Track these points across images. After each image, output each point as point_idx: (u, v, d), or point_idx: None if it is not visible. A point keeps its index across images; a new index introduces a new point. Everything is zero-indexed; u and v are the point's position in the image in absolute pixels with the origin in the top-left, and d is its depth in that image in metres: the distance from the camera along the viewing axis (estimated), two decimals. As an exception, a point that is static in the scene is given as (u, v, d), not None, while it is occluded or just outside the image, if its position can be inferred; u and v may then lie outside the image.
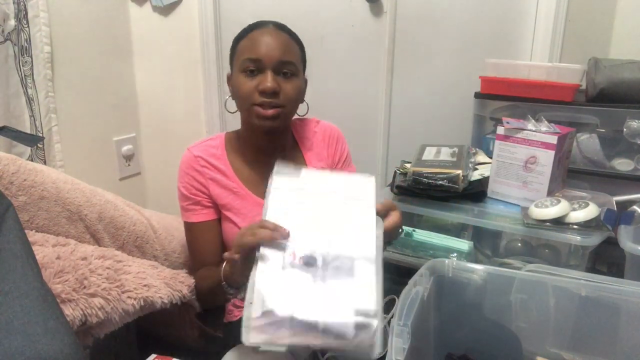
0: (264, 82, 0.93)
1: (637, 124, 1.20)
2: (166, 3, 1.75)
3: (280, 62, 0.94)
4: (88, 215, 1.07)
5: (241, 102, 0.97)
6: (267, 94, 0.93)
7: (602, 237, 0.99)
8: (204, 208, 1.03)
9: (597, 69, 1.27)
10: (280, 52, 0.94)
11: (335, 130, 1.15)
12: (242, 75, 0.95)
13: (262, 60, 0.93)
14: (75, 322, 0.82)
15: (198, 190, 1.02)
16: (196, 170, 1.02)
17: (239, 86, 0.95)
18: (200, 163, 1.02)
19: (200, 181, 1.02)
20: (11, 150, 1.40)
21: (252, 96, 0.94)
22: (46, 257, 0.90)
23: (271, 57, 0.94)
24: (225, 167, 1.04)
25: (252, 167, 1.05)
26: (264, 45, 0.94)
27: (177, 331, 1.09)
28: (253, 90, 0.94)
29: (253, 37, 0.96)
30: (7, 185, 0.99)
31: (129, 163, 1.87)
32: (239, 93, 0.96)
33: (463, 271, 0.88)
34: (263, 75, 0.94)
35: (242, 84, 0.95)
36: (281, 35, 0.97)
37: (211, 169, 1.03)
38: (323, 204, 0.78)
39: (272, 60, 0.94)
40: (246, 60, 0.94)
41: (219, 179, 1.03)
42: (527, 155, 1.12)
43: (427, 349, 0.88)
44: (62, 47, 1.54)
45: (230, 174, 1.04)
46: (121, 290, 0.91)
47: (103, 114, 1.73)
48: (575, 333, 0.88)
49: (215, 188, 1.02)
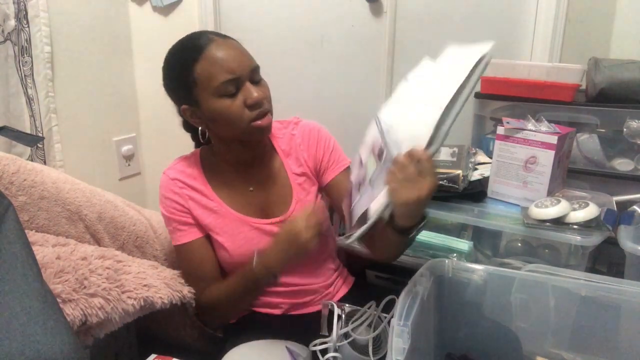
0: (251, 96, 0.88)
1: (637, 124, 1.20)
2: (166, 3, 1.75)
3: (252, 70, 0.90)
4: (88, 215, 1.07)
5: (232, 125, 0.91)
6: (258, 105, 0.89)
7: (602, 237, 0.99)
8: (192, 226, 1.00)
9: (597, 69, 1.27)
10: (247, 60, 0.90)
11: (315, 129, 1.08)
12: (222, 100, 0.88)
13: (239, 76, 0.88)
14: (76, 322, 0.82)
15: (181, 211, 1.00)
16: (175, 192, 0.99)
17: (224, 111, 0.89)
18: (178, 185, 1.00)
19: (181, 203, 0.99)
20: (11, 150, 1.40)
21: (244, 114, 0.89)
22: (46, 257, 0.90)
23: (245, 69, 0.89)
24: (203, 186, 1.01)
25: (231, 183, 1.02)
26: (233, 61, 0.88)
27: (177, 331, 1.09)
28: (242, 109, 0.89)
29: (213, 57, 0.88)
30: (7, 185, 0.99)
31: (129, 163, 1.87)
32: (228, 118, 0.89)
33: (463, 271, 0.88)
34: (243, 90, 0.89)
35: (228, 107, 0.88)
36: (233, 43, 0.92)
37: (189, 190, 1.00)
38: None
39: (246, 71, 0.89)
40: (224, 84, 0.87)
41: (199, 199, 1.00)
42: (527, 155, 1.12)
43: (427, 349, 0.88)
44: (62, 47, 1.54)
45: (208, 193, 1.01)
46: (121, 290, 0.91)
47: (103, 114, 1.73)
48: (575, 333, 0.88)
49: (196, 208, 1.00)
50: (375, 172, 0.82)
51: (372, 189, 0.82)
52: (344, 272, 1.16)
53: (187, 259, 1.02)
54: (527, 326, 0.89)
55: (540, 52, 1.51)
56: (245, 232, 1.00)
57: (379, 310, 0.93)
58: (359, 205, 0.85)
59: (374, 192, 0.81)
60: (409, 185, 0.72)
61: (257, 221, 1.01)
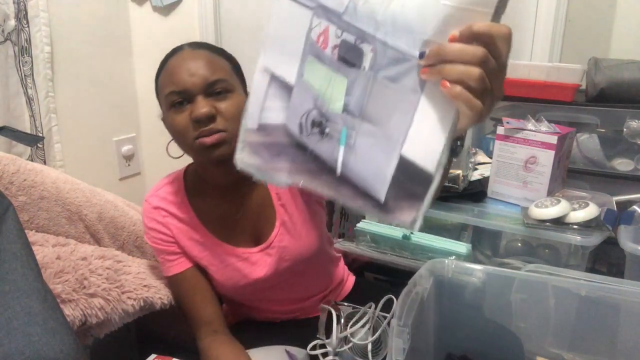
0: (196, 109, 0.79)
1: (637, 124, 1.20)
2: (166, 3, 1.75)
3: (207, 84, 0.80)
4: (88, 215, 1.07)
5: (181, 141, 0.84)
6: (203, 121, 0.79)
7: (602, 237, 0.99)
8: (181, 255, 0.93)
9: (597, 69, 1.27)
10: (204, 72, 0.81)
11: None
12: (171, 112, 0.82)
13: (187, 89, 0.80)
14: (75, 323, 0.82)
15: (167, 241, 0.92)
16: (158, 222, 0.92)
17: (172, 125, 0.83)
18: (161, 214, 0.92)
19: (166, 232, 0.92)
20: (11, 150, 1.40)
21: (189, 130, 0.81)
22: (46, 257, 0.90)
23: (195, 81, 0.80)
24: (187, 215, 0.92)
25: (217, 209, 0.93)
26: (184, 72, 0.81)
27: (177, 331, 1.09)
28: (188, 123, 0.81)
29: (170, 68, 0.83)
30: (7, 185, 0.99)
31: (129, 163, 1.87)
32: (175, 132, 0.84)
33: (463, 271, 0.88)
34: (194, 104, 0.81)
35: (174, 120, 0.82)
36: (200, 54, 0.84)
37: (173, 219, 0.92)
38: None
39: (197, 84, 0.80)
40: (170, 95, 0.82)
41: (185, 230, 0.92)
42: (527, 155, 1.12)
43: (427, 350, 0.88)
44: (62, 47, 1.54)
45: (194, 223, 0.92)
46: (121, 290, 0.91)
47: (103, 114, 1.73)
48: (575, 333, 0.88)
49: (182, 239, 0.92)
50: (357, 91, 0.50)
51: (374, 126, 0.50)
52: (344, 274, 1.15)
53: (182, 290, 0.95)
54: (527, 326, 0.89)
55: (540, 52, 1.51)
56: (233, 263, 0.93)
57: (378, 310, 0.93)
58: (356, 166, 0.52)
59: (391, 127, 0.49)
60: (483, 84, 0.46)
61: (245, 251, 0.94)
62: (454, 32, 0.45)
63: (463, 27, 0.45)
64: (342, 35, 0.50)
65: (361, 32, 0.49)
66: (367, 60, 0.49)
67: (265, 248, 0.93)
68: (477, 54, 0.45)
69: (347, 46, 0.50)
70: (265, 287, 0.96)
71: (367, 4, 0.48)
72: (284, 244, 0.92)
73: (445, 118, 0.47)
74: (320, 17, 0.51)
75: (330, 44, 0.51)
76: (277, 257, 0.93)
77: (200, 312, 0.94)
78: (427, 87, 0.47)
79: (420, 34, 0.46)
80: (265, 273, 0.93)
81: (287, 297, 1.03)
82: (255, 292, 0.98)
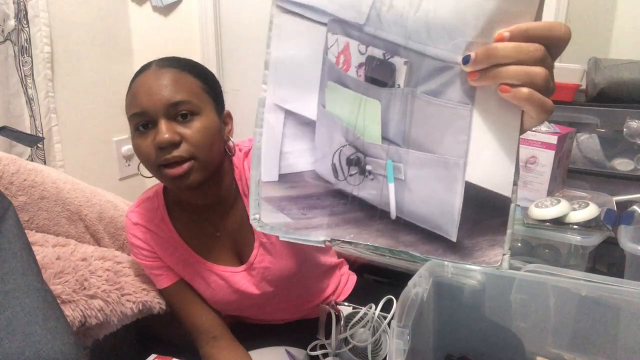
0: (158, 135, 0.73)
1: (637, 124, 1.20)
2: (166, 3, 1.75)
3: (169, 106, 0.74)
4: (88, 215, 1.07)
5: (145, 165, 0.80)
6: (166, 147, 0.74)
7: (602, 237, 0.99)
8: (168, 269, 0.91)
9: (597, 69, 1.27)
10: (166, 93, 0.74)
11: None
12: (136, 136, 0.78)
13: (148, 112, 0.74)
14: (75, 323, 0.82)
15: (150, 256, 0.90)
16: (139, 238, 0.89)
17: (136, 149, 0.78)
18: (141, 230, 0.89)
19: (148, 248, 0.90)
20: (11, 150, 1.40)
21: (152, 156, 0.76)
22: (46, 257, 0.90)
23: (156, 103, 0.74)
24: (167, 231, 0.89)
25: (197, 227, 0.90)
26: (145, 94, 0.75)
27: (177, 331, 1.09)
28: (151, 149, 0.75)
29: (134, 88, 0.78)
30: (7, 185, 0.99)
31: (129, 163, 1.87)
32: (139, 157, 0.79)
33: (462, 271, 0.88)
34: (157, 128, 0.74)
35: (138, 145, 0.77)
36: (165, 72, 0.77)
37: (154, 236, 0.89)
38: None
39: (158, 107, 0.74)
40: (132, 117, 0.77)
41: (166, 247, 0.89)
42: (527, 155, 1.11)
43: (427, 350, 0.88)
44: (62, 47, 1.54)
45: (174, 240, 0.89)
46: (120, 293, 0.91)
47: (103, 114, 1.73)
48: (575, 333, 0.88)
49: (164, 255, 0.90)
50: (395, 114, 0.43)
51: (424, 152, 0.42)
52: (344, 275, 1.14)
53: (175, 301, 0.94)
54: (527, 326, 0.89)
55: (540, 52, 1.51)
56: (216, 280, 0.91)
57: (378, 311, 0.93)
58: (413, 204, 0.43)
59: (445, 150, 0.42)
60: (549, 84, 0.41)
61: (227, 269, 0.90)
62: (502, 32, 0.39)
63: (511, 26, 0.39)
64: (367, 50, 0.43)
65: (390, 44, 0.42)
66: (402, 75, 0.42)
67: (247, 268, 0.90)
68: (537, 53, 0.40)
69: (375, 62, 0.43)
70: (253, 304, 0.95)
71: (393, 10, 0.41)
72: (265, 264, 0.89)
73: (509, 127, 0.41)
74: (337, 33, 0.43)
75: (353, 64, 0.43)
76: (259, 277, 0.90)
77: (197, 320, 0.93)
78: (477, 96, 0.41)
79: (461, 36, 0.40)
80: (250, 292, 0.91)
81: (278, 309, 1.00)
82: (243, 309, 0.97)
